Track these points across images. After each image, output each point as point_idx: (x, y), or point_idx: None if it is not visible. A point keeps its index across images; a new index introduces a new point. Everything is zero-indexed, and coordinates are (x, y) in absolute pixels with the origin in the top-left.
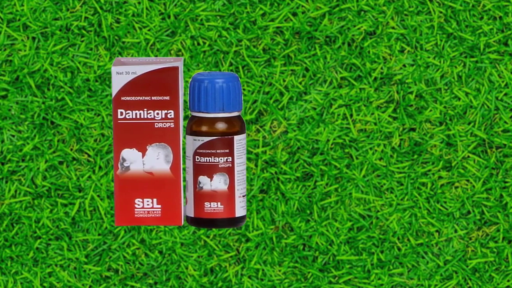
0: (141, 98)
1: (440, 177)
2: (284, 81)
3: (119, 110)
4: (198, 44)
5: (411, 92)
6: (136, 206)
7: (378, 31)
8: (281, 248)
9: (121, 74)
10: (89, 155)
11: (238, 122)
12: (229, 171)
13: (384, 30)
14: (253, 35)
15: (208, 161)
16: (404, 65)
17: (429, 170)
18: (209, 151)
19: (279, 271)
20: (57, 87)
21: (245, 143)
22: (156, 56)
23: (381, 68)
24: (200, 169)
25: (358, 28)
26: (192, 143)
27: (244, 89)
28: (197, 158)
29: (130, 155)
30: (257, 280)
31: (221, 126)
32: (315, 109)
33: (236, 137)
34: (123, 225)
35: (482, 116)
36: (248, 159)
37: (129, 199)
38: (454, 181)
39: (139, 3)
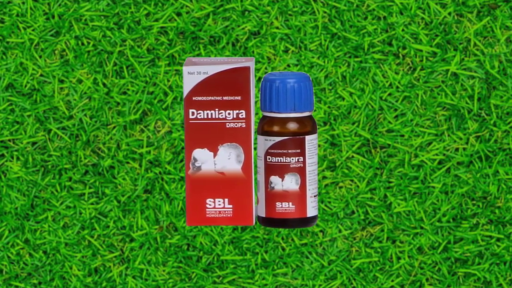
0: (212, 98)
1: (324, 177)
2: (168, 81)
3: (190, 110)
4: (83, 44)
5: None
6: (208, 206)
7: (262, 31)
8: (165, 248)
9: (193, 74)
10: None
11: (309, 122)
12: (301, 171)
13: (268, 30)
14: (138, 35)
15: (279, 161)
16: (288, 65)
17: None
18: (281, 151)
19: (164, 271)
20: None
21: (317, 143)
22: (40, 56)
23: (266, 68)
24: (271, 169)
25: (242, 28)
26: (263, 143)
27: (128, 89)
28: (269, 158)
29: (201, 155)
30: (141, 280)
31: (292, 126)
32: None
33: (307, 137)
34: (194, 225)
35: (366, 116)
36: (132, 159)
37: (200, 199)
38: (339, 181)
39: (23, 3)
